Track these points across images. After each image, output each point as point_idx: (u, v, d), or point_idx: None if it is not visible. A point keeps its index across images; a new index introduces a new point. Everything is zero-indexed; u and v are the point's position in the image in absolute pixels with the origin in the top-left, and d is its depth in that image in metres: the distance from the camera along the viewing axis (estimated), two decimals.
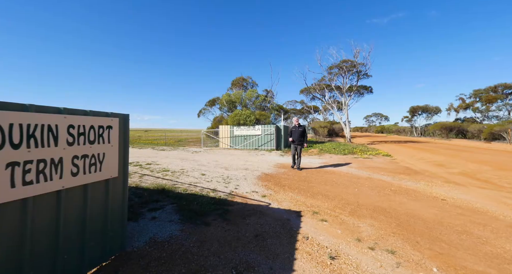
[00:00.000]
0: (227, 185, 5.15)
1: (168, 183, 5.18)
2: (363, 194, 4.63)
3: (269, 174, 6.55)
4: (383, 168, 7.60)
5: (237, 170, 6.98)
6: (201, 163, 8.22)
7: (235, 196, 4.40)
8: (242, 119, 13.42)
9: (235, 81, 18.84)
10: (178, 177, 5.87)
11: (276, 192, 4.71)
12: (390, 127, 52.65)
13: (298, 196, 4.51)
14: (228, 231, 2.90)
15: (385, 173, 6.79)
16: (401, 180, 5.95)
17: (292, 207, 3.85)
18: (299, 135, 6.90)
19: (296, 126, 7.05)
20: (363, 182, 5.63)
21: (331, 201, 4.19)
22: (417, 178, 6.19)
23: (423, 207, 3.86)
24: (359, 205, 4.00)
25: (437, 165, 8.26)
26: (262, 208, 3.76)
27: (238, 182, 5.45)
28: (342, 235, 2.86)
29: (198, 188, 4.84)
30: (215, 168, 7.25)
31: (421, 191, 4.90)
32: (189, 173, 6.38)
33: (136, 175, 5.90)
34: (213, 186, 5.06)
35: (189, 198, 3.96)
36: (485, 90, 25.88)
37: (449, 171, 7.23)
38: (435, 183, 5.61)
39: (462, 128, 25.44)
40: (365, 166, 8.08)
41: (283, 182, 5.62)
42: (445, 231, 2.95)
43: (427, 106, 34.39)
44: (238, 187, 5.01)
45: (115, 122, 2.11)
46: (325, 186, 5.29)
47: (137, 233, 2.72)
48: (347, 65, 17.73)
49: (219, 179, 5.70)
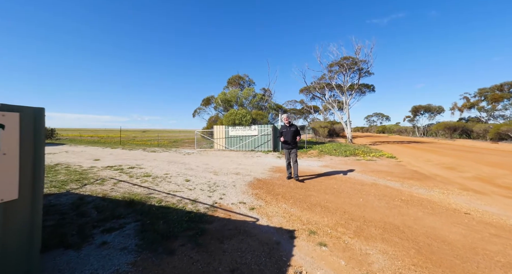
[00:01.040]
0: (212, 194, 4.45)
1: (143, 192, 4.48)
2: (369, 206, 3.93)
3: (262, 179, 5.85)
4: (389, 172, 6.90)
5: (227, 175, 6.28)
6: (189, 167, 7.53)
7: (218, 209, 3.70)
8: (238, 118, 12.72)
9: (231, 80, 18.12)
10: (158, 184, 5.18)
11: (268, 203, 4.02)
12: (392, 127, 51.92)
13: (293, 208, 3.81)
14: (197, 263, 2.20)
15: (392, 178, 6.09)
16: (411, 186, 5.25)
17: (285, 224, 3.15)
18: (291, 136, 5.66)
19: (286, 126, 5.75)
20: (368, 190, 4.93)
21: (332, 216, 3.49)
22: (429, 184, 5.48)
23: (445, 225, 3.15)
24: (366, 221, 3.30)
25: (447, 168, 7.55)
26: (247, 226, 3.06)
27: (225, 190, 4.76)
28: (347, 269, 2.16)
29: (176, 198, 4.14)
30: (203, 173, 6.55)
31: (437, 201, 4.19)
32: (172, 179, 5.68)
33: (111, 182, 5.21)
34: (194, 195, 4.37)
35: (158, 214, 3.26)
36: (491, 88, 25.14)
37: (462, 175, 6.52)
38: (451, 190, 4.90)
39: (466, 128, 24.69)
40: (369, 169, 7.38)
41: (276, 189, 4.92)
42: (483, 263, 2.25)
43: (430, 105, 33.67)
44: (224, 197, 4.31)
45: (9, 120, 1.42)
46: (325, 195, 4.59)
47: (69, 270, 2.03)
48: (348, 63, 17.01)
49: (203, 187, 5.01)
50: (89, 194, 4.20)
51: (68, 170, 6.59)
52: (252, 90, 14.90)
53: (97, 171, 6.51)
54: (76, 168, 6.99)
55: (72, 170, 6.61)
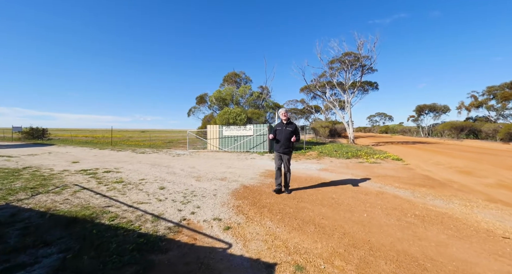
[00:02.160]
0: (183, 207, 3.68)
1: (101, 204, 3.72)
2: (375, 224, 3.12)
3: (250, 186, 5.07)
4: (397, 177, 6.07)
5: (210, 181, 5.50)
6: (172, 171, 6.76)
7: (183, 228, 2.92)
8: (232, 118, 11.94)
9: (227, 77, 17.30)
10: (125, 192, 4.41)
11: (249, 220, 3.23)
12: (395, 127, 50.83)
13: (280, 227, 3.02)
14: None
15: (400, 185, 5.27)
16: (425, 196, 4.42)
17: (264, 254, 2.36)
18: (286, 137, 4.34)
19: (282, 123, 4.48)
20: (373, 201, 4.12)
21: (328, 239, 2.70)
22: (445, 193, 4.65)
23: (482, 257, 2.34)
24: (373, 248, 2.50)
25: (463, 173, 6.70)
26: (213, 257, 2.29)
27: (201, 202, 3.98)
28: None
29: (136, 213, 3.37)
30: (185, 178, 5.78)
31: (461, 217, 3.37)
32: (145, 186, 4.92)
33: (70, 191, 4.45)
34: (162, 208, 3.59)
35: (99, 239, 2.49)
36: (500, 86, 24.03)
37: (482, 181, 5.67)
38: (474, 202, 4.07)
39: (474, 127, 23.64)
40: (374, 174, 6.55)
41: (264, 200, 4.13)
42: None
43: (435, 104, 32.60)
44: (197, 211, 3.53)
45: None
46: (321, 207, 3.79)
47: None
48: (350, 59, 16.15)
49: (177, 197, 4.23)
50: (32, 207, 3.44)
51: (34, 175, 5.86)
52: (248, 88, 14.11)
53: (65, 176, 5.77)
54: (45, 172, 6.26)
55: (39, 175, 5.88)
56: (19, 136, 20.49)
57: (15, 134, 20.68)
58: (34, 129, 20.62)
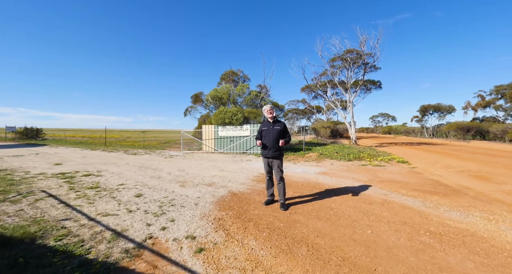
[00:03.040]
0: (154, 221, 3.13)
1: (58, 216, 3.18)
2: (382, 245, 2.54)
3: (239, 193, 4.51)
4: (404, 183, 5.47)
5: (195, 187, 4.95)
6: (158, 175, 6.23)
7: (145, 251, 2.37)
8: (228, 117, 11.38)
9: (224, 75, 16.73)
10: (93, 201, 3.87)
11: (229, 238, 2.67)
12: (398, 128, 49.96)
13: (264, 249, 2.46)
14: None
15: (408, 192, 4.67)
16: (438, 207, 3.82)
17: None
18: (275, 138, 3.61)
19: (268, 122, 3.74)
20: (378, 212, 3.54)
21: (322, 267, 2.13)
22: (462, 203, 4.05)
23: None
24: None
25: (477, 178, 6.07)
26: None
27: (178, 213, 3.43)
28: None
29: (95, 229, 2.82)
30: (168, 184, 5.24)
31: (487, 237, 2.77)
32: (119, 194, 4.38)
33: (33, 198, 3.92)
34: (128, 222, 3.05)
35: (22, 272, 1.94)
36: (509, 85, 23.16)
37: (502, 188, 5.05)
38: (499, 215, 3.46)
39: (481, 128, 22.84)
40: (378, 178, 5.96)
41: (251, 211, 3.57)
42: None
43: (440, 104, 31.77)
44: (170, 225, 2.98)
45: None
46: (317, 221, 3.21)
47: None
48: (352, 56, 15.52)
49: (152, 207, 3.69)
50: None
51: (3, 178, 5.36)
52: (246, 87, 13.56)
53: (37, 181, 5.26)
54: (18, 175, 5.76)
55: (9, 178, 5.37)
56: (13, 136, 20.16)
57: (9, 134, 20.34)
58: (28, 129, 20.25)
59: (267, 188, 3.97)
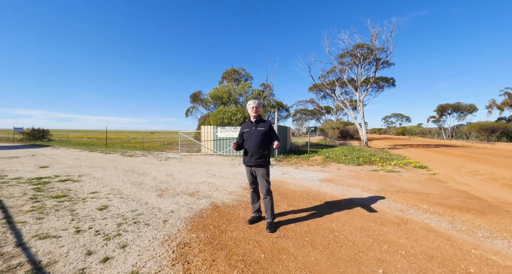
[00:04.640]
0: (100, 247, 2.45)
1: None
2: None
3: (221, 207, 3.78)
4: (424, 194, 4.54)
5: (174, 197, 4.28)
6: (141, 181, 5.62)
7: None
8: (227, 117, 10.72)
9: (226, 74, 16.06)
10: (44, 216, 3.27)
11: None
12: (413, 129, 47.55)
13: None
14: None
15: (431, 208, 3.77)
16: (474, 231, 2.92)
17: None
18: (258, 141, 2.86)
19: (251, 123, 3.00)
20: (393, 238, 2.69)
21: None
22: (506, 225, 3.11)
23: None
24: None
25: None
26: None
27: (136, 235, 2.74)
28: None
29: (15, 261, 2.17)
30: (146, 192, 4.60)
31: None
32: (82, 205, 3.77)
33: None
34: (64, 250, 2.39)
35: None
36: None
37: None
38: None
39: (508, 129, 20.88)
40: (391, 188, 5.05)
41: (228, 234, 2.82)
42: None
43: (459, 104, 29.68)
44: (117, 255, 2.30)
45: None
46: (310, 251, 2.42)
47: None
48: (363, 52, 14.44)
49: (109, 224, 3.03)
50: None
51: None
52: (248, 85, 12.85)
53: (5, 187, 4.78)
54: None
55: None
56: (21, 137, 20.57)
57: (17, 135, 20.78)
58: (35, 130, 20.66)
59: (252, 202, 3.22)
